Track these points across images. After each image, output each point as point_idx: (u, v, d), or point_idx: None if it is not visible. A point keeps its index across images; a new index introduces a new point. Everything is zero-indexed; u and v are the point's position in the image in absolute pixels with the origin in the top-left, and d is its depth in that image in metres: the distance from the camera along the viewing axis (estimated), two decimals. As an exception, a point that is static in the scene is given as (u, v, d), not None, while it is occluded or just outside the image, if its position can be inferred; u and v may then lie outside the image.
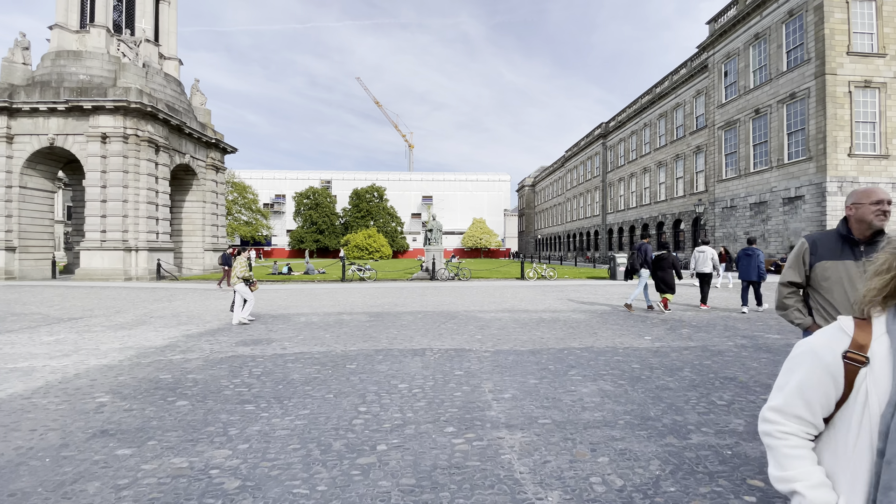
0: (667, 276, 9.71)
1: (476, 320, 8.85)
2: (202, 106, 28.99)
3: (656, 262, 9.89)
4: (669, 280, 9.70)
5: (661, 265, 9.82)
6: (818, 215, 22.98)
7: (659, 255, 9.90)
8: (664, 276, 9.73)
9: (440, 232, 23.38)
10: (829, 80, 22.50)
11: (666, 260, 9.77)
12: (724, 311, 10.19)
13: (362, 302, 12.33)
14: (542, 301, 12.24)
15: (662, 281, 9.76)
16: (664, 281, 9.74)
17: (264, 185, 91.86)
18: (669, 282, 9.71)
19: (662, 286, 9.79)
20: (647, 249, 10.12)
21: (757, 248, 10.45)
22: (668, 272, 9.70)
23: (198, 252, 27.53)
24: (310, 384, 4.65)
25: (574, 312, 9.92)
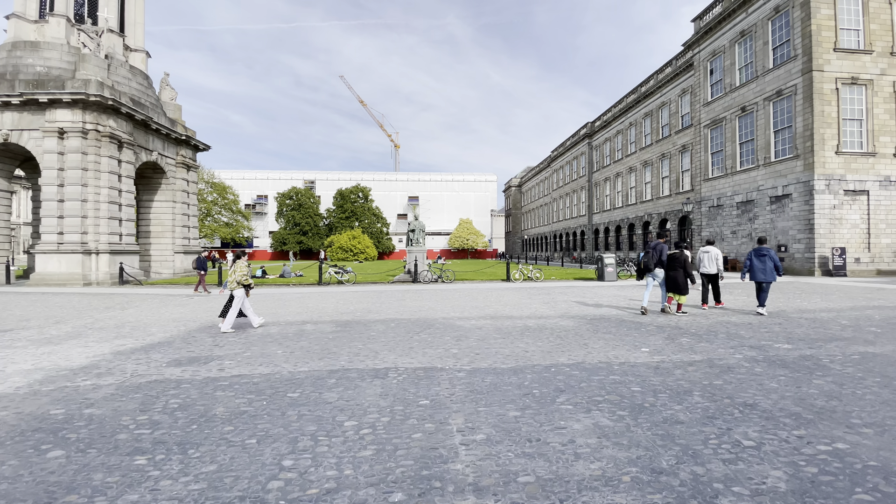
0: (678, 277, 9.38)
1: (454, 329, 7.95)
2: (172, 101, 27.57)
3: (668, 262, 9.61)
4: (680, 280, 9.37)
5: (673, 265, 9.51)
6: (806, 214, 22.66)
7: (671, 254, 9.60)
8: (675, 277, 9.43)
9: (423, 232, 22.45)
10: (817, 77, 22.20)
11: (677, 259, 9.44)
12: (722, 314, 9.48)
13: (333, 308, 11.33)
14: (528, 305, 11.40)
15: (672, 281, 9.47)
16: (674, 281, 9.45)
17: (246, 186, 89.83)
18: (680, 282, 9.37)
19: (671, 286, 9.51)
20: (663, 249, 9.79)
21: (769, 247, 10.02)
22: (678, 272, 9.39)
23: (167, 255, 26.11)
24: (233, 422, 3.68)
25: (562, 318, 9.09)
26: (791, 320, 8.53)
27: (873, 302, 11.14)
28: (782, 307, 10.47)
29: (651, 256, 9.73)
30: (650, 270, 9.85)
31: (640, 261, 10.00)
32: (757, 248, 9.90)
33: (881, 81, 22.63)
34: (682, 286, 9.36)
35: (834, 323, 8.17)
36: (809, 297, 12.35)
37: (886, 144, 22.57)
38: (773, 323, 8.26)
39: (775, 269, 9.54)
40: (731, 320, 8.67)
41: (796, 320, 8.52)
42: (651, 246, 9.95)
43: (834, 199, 22.27)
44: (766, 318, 8.85)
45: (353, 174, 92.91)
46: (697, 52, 31.48)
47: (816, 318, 8.81)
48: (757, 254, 9.81)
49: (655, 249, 9.82)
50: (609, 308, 10.70)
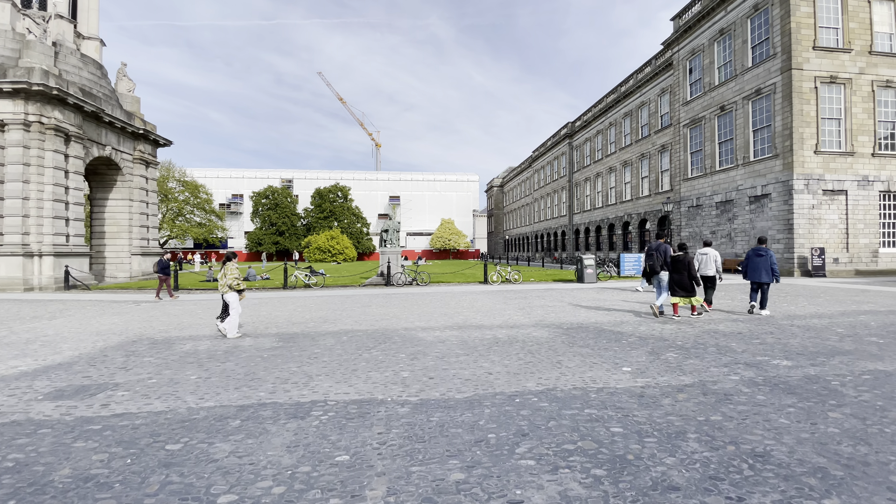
0: (683, 280, 9.18)
1: (413, 344, 6.98)
2: (130, 93, 25.88)
3: (673, 265, 9.43)
4: (685, 283, 9.18)
5: (676, 267, 9.31)
6: (785, 214, 22.43)
7: (675, 256, 9.40)
8: (680, 280, 9.23)
9: (398, 233, 21.42)
10: (796, 75, 21.97)
11: (681, 262, 9.25)
12: (709, 322, 8.74)
13: (286, 317, 10.23)
14: (502, 312, 10.51)
15: (677, 284, 9.25)
16: (679, 284, 9.23)
17: (220, 185, 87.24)
18: (685, 285, 9.18)
19: (677, 289, 9.29)
20: (667, 250, 9.58)
21: (768, 248, 9.91)
22: (682, 275, 9.19)
23: (124, 257, 24.45)
24: (67, 495, 2.64)
25: (536, 328, 8.21)
26: (783, 329, 7.82)
27: (863, 306, 10.60)
28: (770, 312, 9.81)
29: (656, 259, 9.52)
30: (656, 273, 9.62)
31: (646, 264, 9.78)
32: (756, 247, 9.71)
33: (860, 80, 22.56)
34: (689, 288, 9.14)
35: (830, 332, 7.48)
36: (795, 301, 11.79)
37: (865, 144, 22.51)
38: (764, 332, 7.53)
39: (772, 271, 9.44)
40: (719, 329, 7.91)
41: (788, 329, 7.81)
42: (653, 247, 9.68)
43: (813, 199, 22.08)
44: (756, 326, 8.13)
45: (333, 173, 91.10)
46: (677, 51, 31.23)
47: (809, 325, 8.13)
48: (755, 253, 9.66)
49: (659, 251, 9.56)
50: (588, 313, 9.88)
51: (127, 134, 24.36)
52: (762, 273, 9.48)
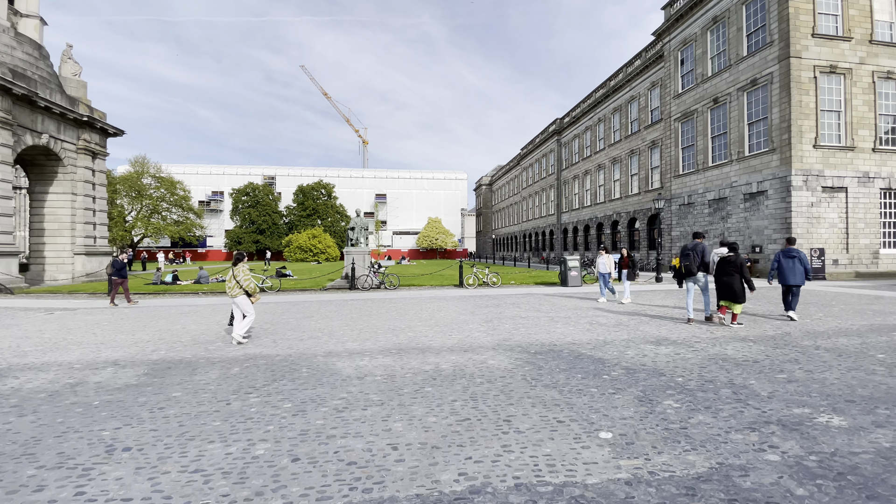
0: (734, 283, 8.27)
1: (320, 380, 5.15)
2: (75, 77, 23.61)
3: (721, 267, 8.53)
4: (737, 287, 8.26)
5: (727, 269, 8.40)
6: (782, 212, 20.97)
7: (725, 257, 8.51)
8: (731, 283, 8.30)
9: (365, 231, 19.53)
10: (794, 64, 20.51)
11: (733, 263, 8.37)
12: (714, 339, 7.03)
13: (197, 333, 8.32)
14: (463, 326, 8.71)
15: (727, 288, 8.34)
16: (729, 288, 8.31)
17: (200, 181, 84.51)
18: (737, 289, 8.26)
19: (726, 293, 8.38)
20: (705, 249, 8.87)
21: (798, 248, 9.31)
22: (734, 277, 8.30)
23: (65, 257, 22.20)
24: None
25: (496, 352, 6.42)
26: (808, 353, 6.12)
27: (890, 318, 8.99)
28: (784, 326, 8.14)
29: (693, 259, 8.79)
30: (692, 274, 8.86)
31: (681, 264, 9.02)
32: (786, 248, 9.27)
33: (860, 71, 21.18)
34: (740, 294, 8.24)
35: (869, 358, 5.80)
36: (807, 310, 10.17)
37: (865, 138, 21.14)
38: (785, 358, 5.82)
39: (805, 272, 8.95)
40: (728, 353, 6.19)
41: (815, 353, 6.12)
42: (689, 247, 8.95)
43: (812, 197, 20.65)
44: (774, 349, 6.43)
45: (317, 170, 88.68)
46: (668, 42, 29.72)
47: (839, 347, 6.45)
48: (785, 255, 9.16)
49: (696, 251, 8.84)
50: (565, 329, 8.12)
51: (69, 121, 22.10)
52: (796, 275, 8.95)
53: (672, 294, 14.59)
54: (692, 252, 8.88)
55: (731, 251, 8.49)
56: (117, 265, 13.87)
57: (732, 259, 8.40)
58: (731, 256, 8.44)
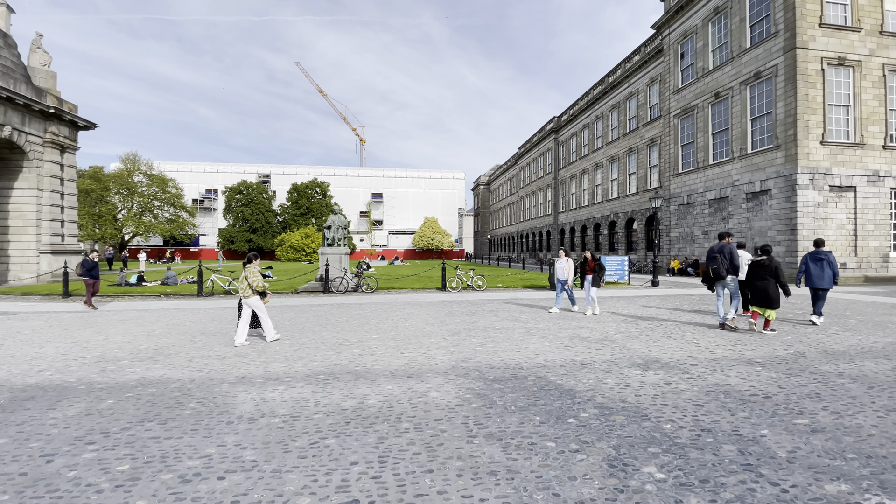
0: (769, 288, 7.80)
1: (205, 422, 3.98)
2: (44, 67, 22.44)
3: (754, 270, 8.10)
4: (772, 292, 7.78)
5: (761, 273, 7.97)
6: (787, 212, 19.77)
7: (758, 261, 8.10)
8: (765, 287, 7.82)
9: (343, 230, 18.35)
10: (801, 55, 19.31)
11: (767, 267, 7.92)
12: (714, 360, 5.86)
13: (105, 348, 7.15)
14: (423, 340, 7.55)
15: (761, 293, 7.86)
16: (764, 293, 7.82)
17: (194, 179, 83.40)
18: (772, 294, 7.78)
19: (762, 299, 7.85)
20: (733, 251, 8.38)
21: (828, 251, 9.09)
22: (769, 282, 7.83)
23: (30, 255, 21.04)
24: None
25: (445, 379, 5.25)
26: (830, 383, 4.94)
27: (915, 333, 7.80)
28: (797, 344, 6.96)
29: (721, 262, 8.32)
30: (721, 278, 8.37)
31: (708, 267, 8.53)
32: (813, 251, 8.98)
33: (870, 63, 19.98)
34: (775, 299, 7.79)
35: (908, 392, 4.62)
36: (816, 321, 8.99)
37: (875, 135, 19.95)
38: (805, 392, 4.64)
39: (833, 276, 8.70)
40: (731, 382, 5.00)
41: (839, 384, 4.94)
42: (716, 249, 8.47)
43: (818, 196, 19.46)
44: (787, 377, 5.24)
45: (313, 168, 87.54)
46: (667, 34, 28.52)
47: (866, 374, 5.27)
48: (813, 257, 8.88)
49: (723, 253, 8.37)
50: (539, 345, 6.94)
51: (34, 113, 20.93)
52: (824, 279, 8.70)
53: (669, 300, 13.40)
54: (719, 254, 8.34)
55: (765, 254, 8.02)
56: (87, 265, 12.77)
57: (766, 263, 7.91)
58: (764, 260, 7.97)
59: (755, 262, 8.16)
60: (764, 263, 7.99)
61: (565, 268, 10.94)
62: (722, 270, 8.32)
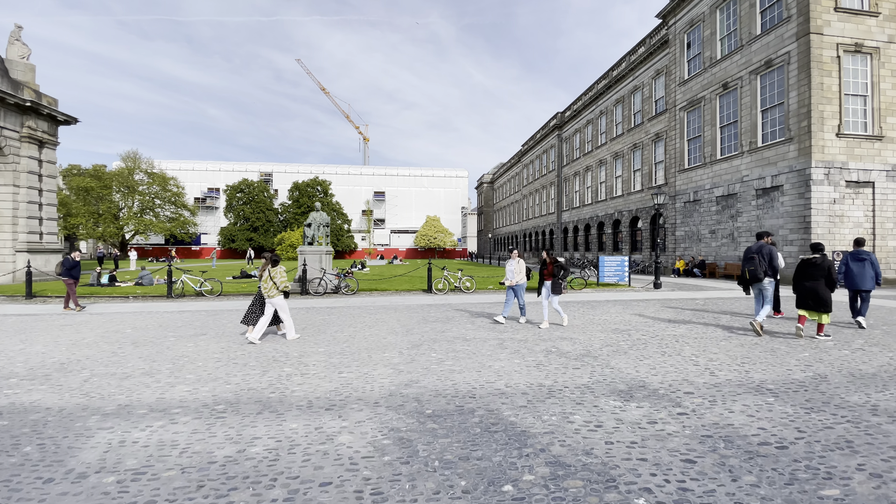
0: (819, 289, 7.25)
1: (16, 482, 2.95)
2: (23, 59, 21.69)
3: (803, 269, 7.52)
4: (824, 294, 7.23)
5: (812, 273, 7.37)
6: (800, 209, 18.47)
7: (810, 259, 7.49)
8: (815, 288, 7.27)
9: (326, 227, 17.36)
10: (815, 41, 17.99)
11: (820, 266, 7.33)
12: (708, 382, 4.76)
13: (35, 357, 6.19)
14: (374, 355, 6.51)
15: (812, 294, 7.31)
16: (814, 294, 7.27)
17: (195, 178, 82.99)
18: (822, 297, 7.24)
19: (811, 302, 7.33)
20: (772, 252, 8.01)
21: (868, 251, 8.91)
22: (820, 283, 7.27)
23: (6, 254, 20.30)
24: None
25: (371, 413, 4.20)
26: (863, 424, 3.83)
27: (958, 350, 6.62)
28: (816, 362, 5.83)
29: (759, 263, 7.82)
30: (758, 280, 7.87)
31: (745, 269, 8.00)
32: (854, 250, 8.60)
33: (888, 50, 18.60)
34: (828, 301, 7.21)
35: (970, 440, 3.48)
36: (841, 333, 7.81)
37: (894, 126, 18.57)
38: (831, 439, 3.52)
39: (875, 276, 8.29)
40: (733, 420, 3.91)
41: (872, 422, 3.83)
42: (754, 249, 8.02)
43: (834, 192, 18.14)
44: (817, 418, 4.11)
45: (315, 167, 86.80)
46: (673, 24, 27.20)
47: (907, 410, 4.13)
48: (854, 257, 8.49)
49: (762, 253, 7.92)
50: (504, 364, 5.87)
51: (10, 107, 20.17)
52: (866, 279, 8.29)
53: (669, 304, 12.23)
54: (757, 255, 7.88)
55: (817, 252, 7.42)
56: (67, 264, 11.96)
57: (818, 262, 7.30)
58: (816, 259, 7.36)
59: (806, 261, 7.51)
60: (816, 262, 7.32)
61: (515, 270, 9.25)
62: (760, 272, 7.74)
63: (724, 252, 22.92)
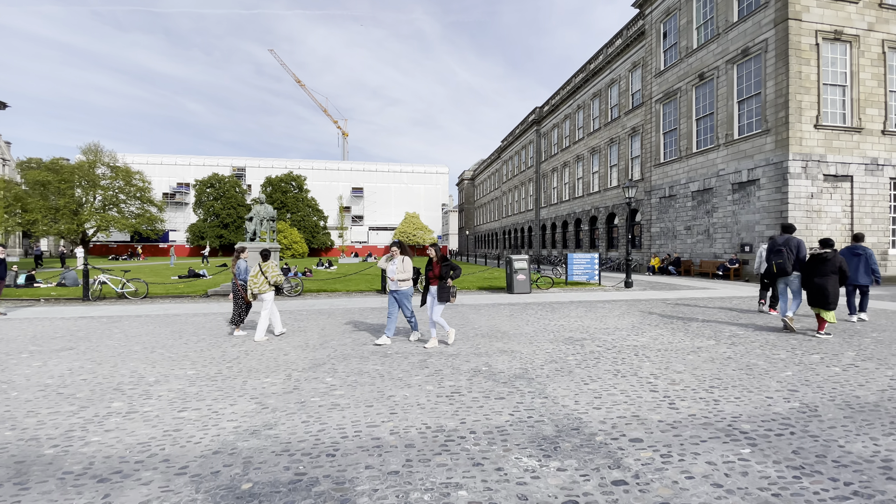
0: (827, 285, 7.06)
1: None
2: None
3: (812, 265, 7.30)
4: (832, 290, 7.05)
5: (822, 269, 7.16)
6: (777, 204, 17.65)
7: (820, 254, 7.27)
8: (824, 285, 7.07)
9: (271, 222, 15.79)
10: (793, 27, 17.14)
11: (831, 262, 7.13)
12: (666, 420, 3.51)
13: None
14: (250, 382, 5.13)
15: (820, 291, 7.11)
16: (822, 291, 7.08)
17: (164, 172, 79.72)
18: (831, 293, 7.04)
19: (820, 298, 7.12)
20: (800, 245, 7.68)
21: (866, 246, 8.97)
22: (829, 279, 7.06)
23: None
24: None
25: (165, 487, 2.80)
26: (876, 497, 2.59)
27: (965, 365, 5.54)
28: (802, 385, 4.66)
29: (787, 256, 7.68)
30: (786, 273, 7.71)
31: (772, 262, 7.84)
32: (851, 245, 8.71)
33: (868, 39, 17.89)
34: (833, 298, 7.12)
35: None
36: (826, 341, 6.73)
37: (874, 118, 17.88)
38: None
39: (873, 272, 8.38)
40: (691, 493, 2.64)
41: (889, 495, 2.60)
42: (780, 242, 7.88)
43: (812, 186, 17.35)
44: (810, 487, 2.87)
45: (290, 161, 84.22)
46: (650, 12, 26.26)
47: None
48: (851, 252, 8.59)
49: (789, 246, 7.75)
50: (419, 387, 4.55)
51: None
52: (860, 274, 8.40)
53: (637, 306, 11.08)
54: (785, 248, 7.71)
55: (827, 247, 7.26)
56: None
57: (830, 257, 7.14)
58: (827, 254, 7.20)
59: (816, 256, 7.33)
60: (827, 258, 7.15)
61: (397, 270, 7.03)
62: (787, 265, 7.60)
63: (700, 249, 22.08)
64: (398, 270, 7.06)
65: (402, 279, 7.04)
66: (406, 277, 7.09)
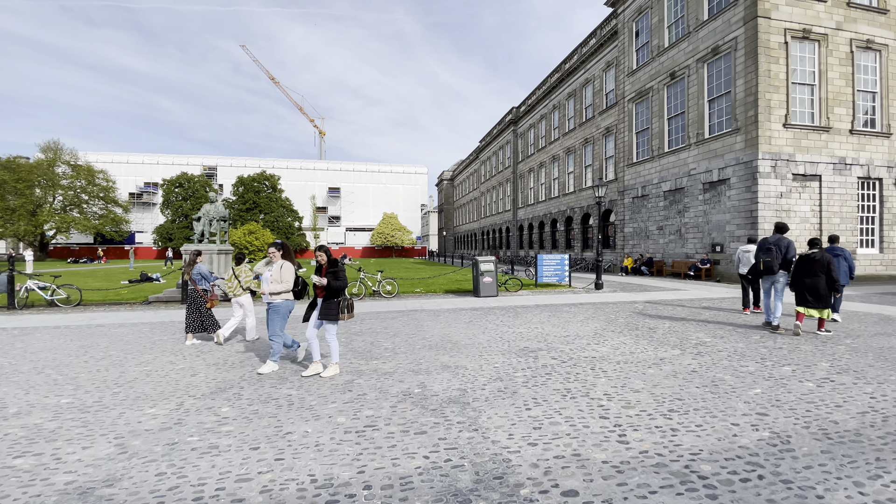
0: (818, 285, 7.06)
1: None
2: None
3: (802, 266, 7.26)
4: (821, 290, 7.05)
5: (812, 268, 7.14)
6: (747, 204, 17.47)
7: (808, 255, 7.24)
8: (815, 285, 7.08)
9: (223, 222, 14.76)
10: (762, 25, 16.97)
11: (819, 262, 7.10)
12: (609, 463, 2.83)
13: None
14: (133, 411, 4.28)
15: (811, 290, 7.11)
16: (814, 290, 7.08)
17: (130, 171, 76.71)
18: (820, 293, 7.05)
19: (810, 298, 7.13)
20: (790, 245, 7.70)
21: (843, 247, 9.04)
22: (819, 279, 7.07)
23: None
24: None
25: None
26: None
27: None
28: (772, 407, 4.07)
29: (774, 255, 7.62)
30: (773, 272, 7.67)
31: (760, 260, 7.80)
32: (828, 246, 8.69)
33: (836, 38, 17.89)
34: (826, 297, 7.05)
35: None
36: (798, 350, 6.23)
37: (842, 118, 17.89)
38: None
39: (849, 270, 8.44)
40: None
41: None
42: (771, 241, 7.83)
43: (781, 186, 17.22)
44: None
45: (264, 160, 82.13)
46: (622, 11, 26.04)
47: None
48: (830, 253, 8.35)
49: (779, 246, 7.73)
50: (328, 420, 3.77)
51: None
52: (841, 274, 8.36)
53: (604, 309, 10.53)
54: (774, 247, 7.76)
55: (815, 247, 7.30)
56: None
57: (818, 257, 7.18)
58: (815, 254, 7.24)
59: (805, 256, 7.35)
60: (815, 258, 7.16)
61: (272, 279, 5.56)
62: (775, 265, 7.64)
63: (672, 249, 21.87)
64: (273, 279, 5.51)
65: (276, 291, 5.48)
66: (283, 289, 5.51)
